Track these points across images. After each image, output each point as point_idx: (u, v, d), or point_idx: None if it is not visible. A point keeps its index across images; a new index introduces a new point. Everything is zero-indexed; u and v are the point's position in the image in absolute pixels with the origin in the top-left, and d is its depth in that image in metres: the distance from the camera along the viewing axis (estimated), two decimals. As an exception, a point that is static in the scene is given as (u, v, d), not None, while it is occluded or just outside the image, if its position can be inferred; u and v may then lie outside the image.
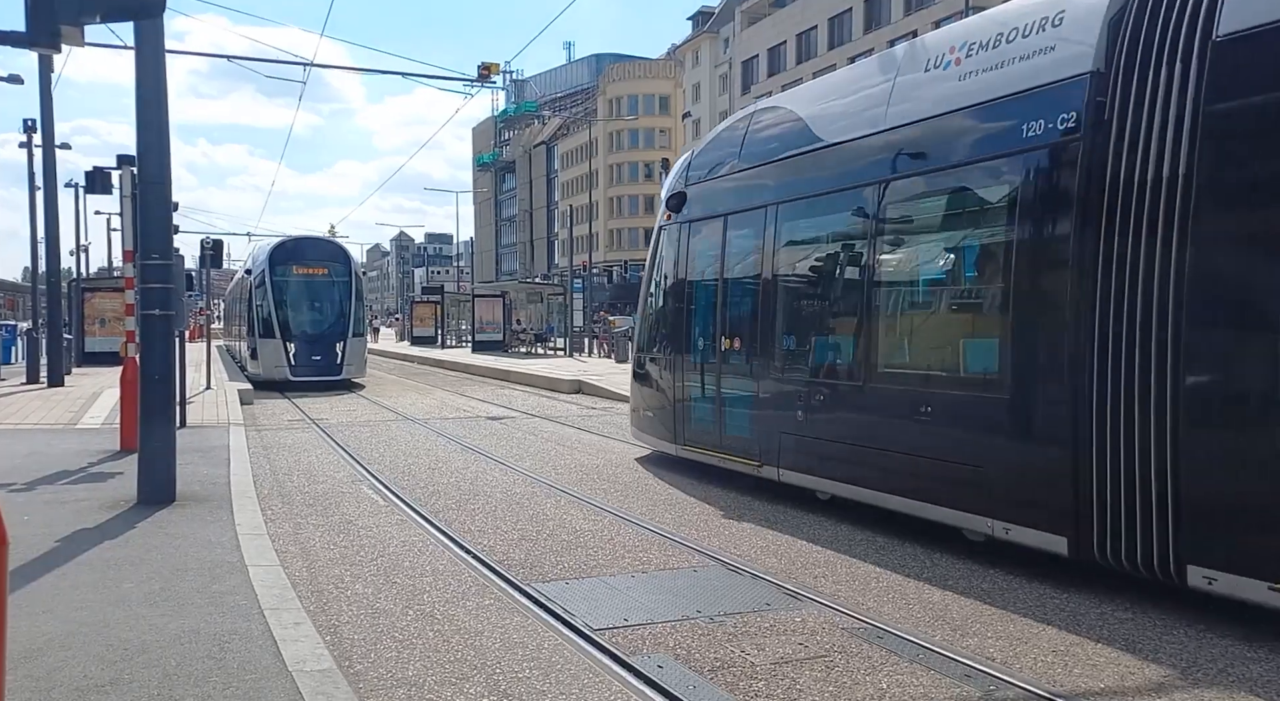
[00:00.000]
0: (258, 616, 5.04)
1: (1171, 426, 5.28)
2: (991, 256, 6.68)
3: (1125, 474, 5.53)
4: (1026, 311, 6.26)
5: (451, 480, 10.13)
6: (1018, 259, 6.33)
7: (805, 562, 6.73)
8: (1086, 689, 4.43)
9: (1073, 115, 5.85)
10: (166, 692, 4.03)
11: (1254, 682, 4.50)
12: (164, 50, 8.19)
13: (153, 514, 7.64)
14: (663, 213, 10.91)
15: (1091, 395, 5.70)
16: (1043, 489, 6.06)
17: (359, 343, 23.35)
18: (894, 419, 7.31)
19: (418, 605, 5.65)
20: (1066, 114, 5.90)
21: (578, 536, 7.48)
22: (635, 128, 78.34)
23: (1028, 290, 6.26)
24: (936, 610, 5.63)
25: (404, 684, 4.43)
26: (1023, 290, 6.30)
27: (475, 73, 16.81)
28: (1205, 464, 5.16)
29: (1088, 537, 5.79)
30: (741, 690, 4.40)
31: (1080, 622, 5.38)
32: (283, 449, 12.44)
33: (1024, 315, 6.28)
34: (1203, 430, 5.20)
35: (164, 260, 8.25)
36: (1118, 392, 5.56)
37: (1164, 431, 5.31)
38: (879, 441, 7.45)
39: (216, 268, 19.88)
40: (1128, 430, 5.52)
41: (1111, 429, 5.61)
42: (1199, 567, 5.19)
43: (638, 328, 12.16)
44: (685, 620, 5.38)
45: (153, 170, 8.14)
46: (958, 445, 6.70)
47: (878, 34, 49.26)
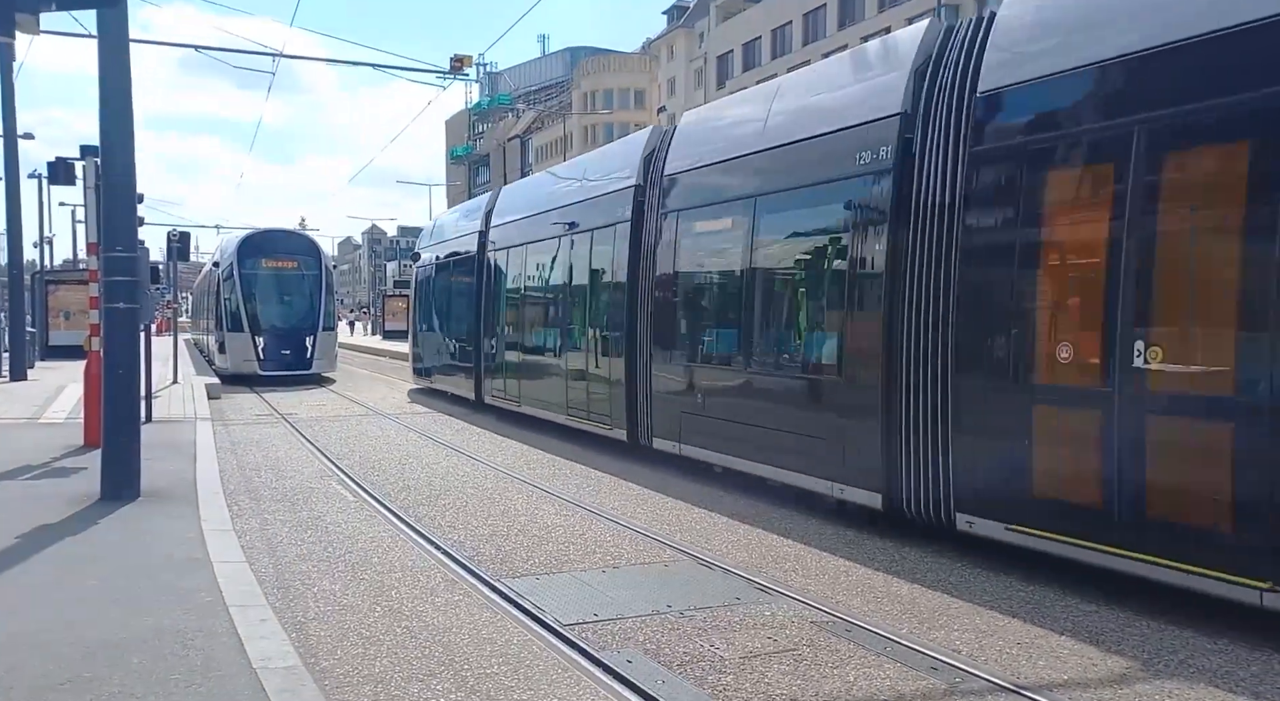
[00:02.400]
0: (223, 613, 4.98)
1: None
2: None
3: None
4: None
5: (422, 475, 10.07)
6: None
7: (775, 557, 6.76)
8: (1050, 680, 4.48)
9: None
10: (128, 691, 3.97)
11: (1213, 674, 4.57)
12: (128, 39, 8.05)
13: (117, 510, 7.52)
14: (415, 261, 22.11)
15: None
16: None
17: (329, 336, 23.13)
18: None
19: (386, 601, 5.61)
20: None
21: (549, 531, 7.46)
22: (610, 122, 78.13)
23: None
24: (905, 603, 5.68)
25: (371, 680, 4.40)
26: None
27: (448, 65, 16.63)
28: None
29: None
30: (710, 684, 4.41)
31: (1045, 615, 5.44)
32: (250, 444, 12.30)
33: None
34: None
35: (129, 252, 8.12)
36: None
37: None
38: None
39: (184, 260, 19.61)
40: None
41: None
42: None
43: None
44: (655, 615, 5.39)
45: (117, 161, 8.00)
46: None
47: (851, 30, 49.45)
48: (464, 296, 17.19)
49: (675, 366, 9.90)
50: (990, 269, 6.34)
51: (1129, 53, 5.49)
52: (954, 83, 6.69)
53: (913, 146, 6.95)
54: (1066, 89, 5.90)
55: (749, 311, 8.80)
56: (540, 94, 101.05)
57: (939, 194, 6.68)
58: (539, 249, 13.61)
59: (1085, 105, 5.83)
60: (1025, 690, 4.31)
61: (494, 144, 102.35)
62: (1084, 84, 5.78)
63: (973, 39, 6.74)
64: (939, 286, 6.65)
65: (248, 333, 22.01)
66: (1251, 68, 4.90)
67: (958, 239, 6.50)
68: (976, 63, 6.52)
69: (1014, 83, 6.19)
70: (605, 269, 11.50)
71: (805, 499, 8.14)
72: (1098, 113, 5.73)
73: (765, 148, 8.64)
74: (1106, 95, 5.67)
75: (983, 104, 6.38)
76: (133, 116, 8.04)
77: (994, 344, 6.34)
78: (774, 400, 8.44)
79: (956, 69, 6.71)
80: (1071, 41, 5.90)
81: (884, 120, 7.20)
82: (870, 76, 7.75)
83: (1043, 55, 6.06)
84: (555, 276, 13.09)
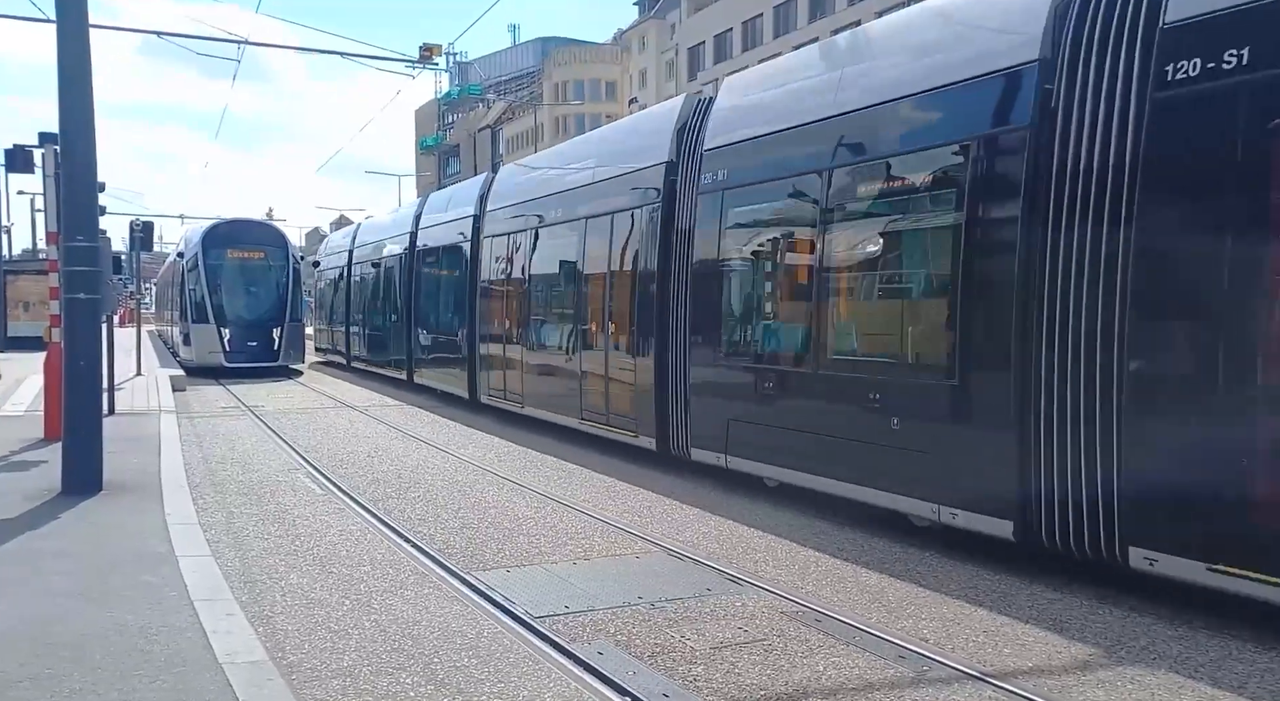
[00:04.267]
0: (187, 608, 4.91)
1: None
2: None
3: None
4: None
5: (391, 467, 10.00)
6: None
7: (747, 548, 6.79)
8: (1015, 668, 4.54)
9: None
10: (90, 688, 3.91)
11: (1174, 660, 4.66)
12: (87, 24, 7.87)
13: (78, 504, 7.39)
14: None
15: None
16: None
17: (296, 328, 22.88)
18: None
19: (355, 595, 5.56)
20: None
21: (520, 524, 7.44)
22: (581, 113, 77.81)
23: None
24: (873, 593, 5.73)
25: (339, 674, 4.36)
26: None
27: (417, 54, 16.45)
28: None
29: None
30: (681, 675, 4.42)
31: (1010, 604, 5.52)
32: (216, 437, 12.14)
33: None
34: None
35: (89, 242, 7.96)
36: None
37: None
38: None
39: (147, 250, 19.31)
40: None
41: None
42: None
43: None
44: (626, 606, 5.39)
45: (77, 149, 7.84)
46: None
47: (822, 23, 49.60)
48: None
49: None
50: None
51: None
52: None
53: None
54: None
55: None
56: (511, 84, 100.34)
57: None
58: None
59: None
60: (991, 678, 4.37)
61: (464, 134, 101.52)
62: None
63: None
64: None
65: (213, 324, 21.70)
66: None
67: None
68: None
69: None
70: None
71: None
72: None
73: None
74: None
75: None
76: (93, 103, 7.87)
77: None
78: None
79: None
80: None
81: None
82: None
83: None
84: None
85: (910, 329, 7.08)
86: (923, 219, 6.95)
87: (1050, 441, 5.75)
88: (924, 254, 7.03)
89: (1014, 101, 6.18)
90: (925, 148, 6.89)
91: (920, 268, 7.06)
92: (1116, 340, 5.42)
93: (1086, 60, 5.73)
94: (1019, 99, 6.12)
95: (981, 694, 4.22)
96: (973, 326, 6.32)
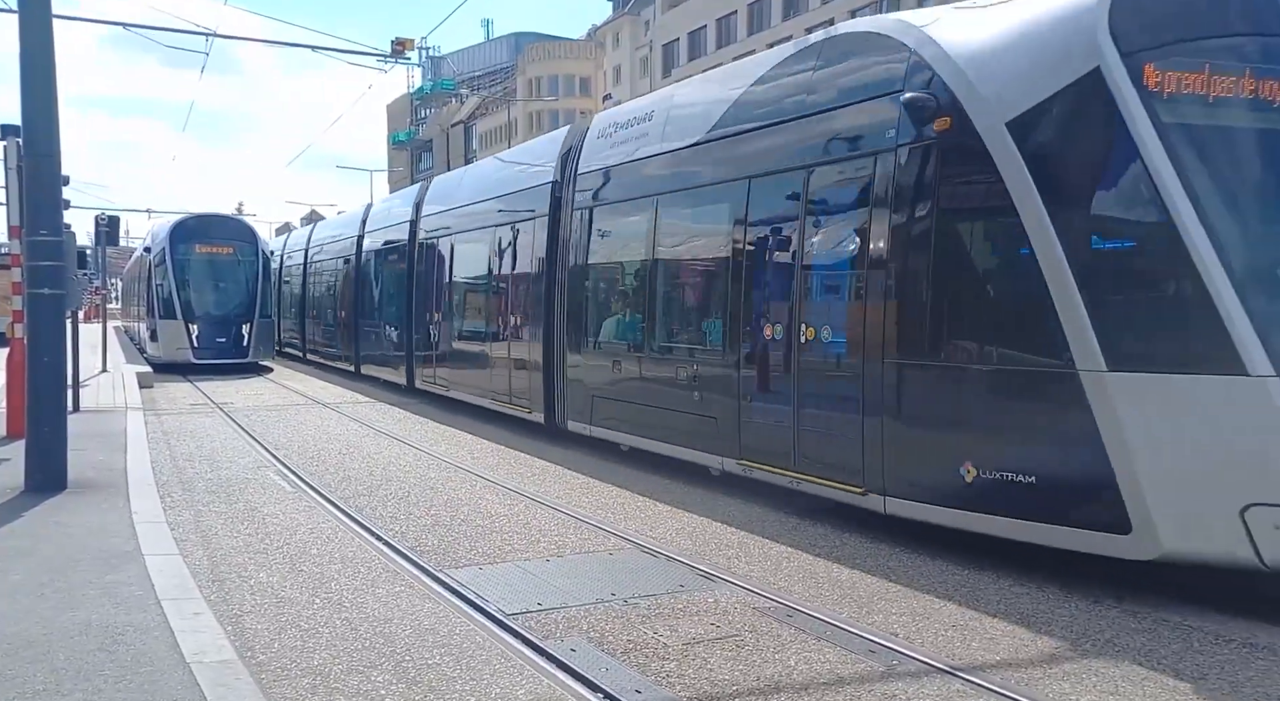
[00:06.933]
0: (154, 607, 4.86)
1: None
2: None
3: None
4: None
5: (363, 465, 9.93)
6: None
7: (719, 544, 6.81)
8: (983, 661, 4.60)
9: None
10: (54, 688, 3.86)
11: (1138, 652, 4.74)
12: (50, 14, 7.75)
13: (42, 502, 7.28)
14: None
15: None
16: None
17: (266, 324, 22.64)
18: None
19: (325, 593, 5.52)
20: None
21: (493, 521, 7.41)
22: (555, 109, 77.59)
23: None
24: (844, 588, 5.78)
25: (309, 673, 4.33)
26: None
27: (389, 48, 16.32)
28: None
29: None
30: (653, 671, 4.43)
31: (979, 597, 5.58)
32: (184, 434, 12.00)
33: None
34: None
35: (53, 236, 7.84)
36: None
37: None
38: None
39: (113, 245, 19.02)
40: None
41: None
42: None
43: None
44: (599, 603, 5.39)
45: (40, 141, 7.71)
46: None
47: (797, 21, 49.78)
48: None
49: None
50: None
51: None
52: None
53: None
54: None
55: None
56: (484, 79, 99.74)
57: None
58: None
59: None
60: (960, 671, 4.42)
61: (437, 129, 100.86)
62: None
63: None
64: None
65: (181, 320, 21.40)
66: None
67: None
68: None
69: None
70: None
71: (753, 486, 8.22)
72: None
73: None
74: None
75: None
76: (56, 95, 7.74)
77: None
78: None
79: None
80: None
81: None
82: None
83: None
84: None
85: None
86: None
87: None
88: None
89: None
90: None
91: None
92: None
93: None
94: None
95: (950, 687, 4.27)
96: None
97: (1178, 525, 5.19)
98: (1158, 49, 5.59)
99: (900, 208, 6.55)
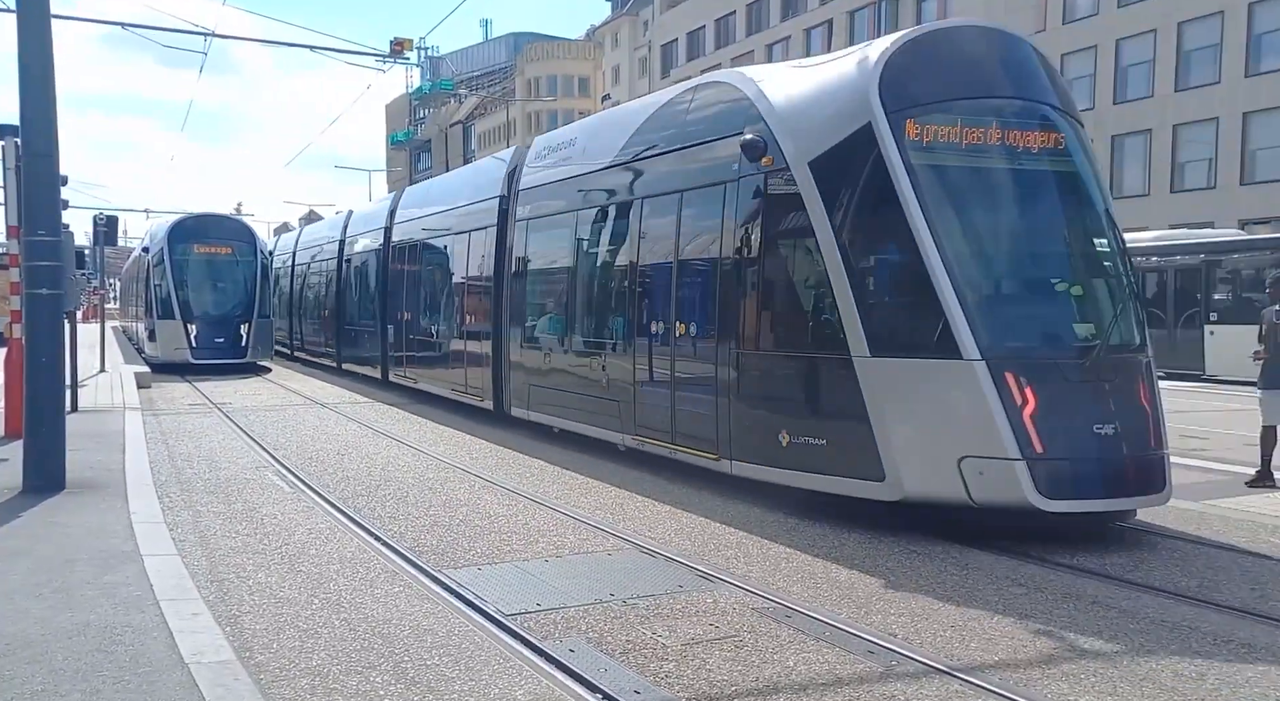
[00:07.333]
0: (153, 607, 4.85)
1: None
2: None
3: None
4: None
5: (361, 465, 9.93)
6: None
7: (718, 544, 6.81)
8: (982, 662, 4.60)
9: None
10: (52, 689, 3.85)
11: (1136, 652, 4.74)
12: (49, 13, 7.74)
13: (40, 502, 7.27)
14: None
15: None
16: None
17: (265, 324, 22.62)
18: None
19: (324, 593, 5.52)
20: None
21: (491, 521, 7.41)
22: (554, 109, 77.58)
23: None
24: (843, 588, 5.78)
25: (308, 673, 4.33)
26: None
27: (388, 48, 16.31)
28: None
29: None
30: (652, 671, 4.43)
31: (977, 598, 5.58)
32: (182, 434, 11.99)
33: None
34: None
35: (51, 236, 7.83)
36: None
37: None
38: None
39: (111, 245, 19.01)
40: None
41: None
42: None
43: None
44: (598, 603, 5.39)
45: (38, 141, 7.71)
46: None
47: (795, 21, 49.78)
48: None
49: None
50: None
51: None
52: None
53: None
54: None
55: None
56: (483, 80, 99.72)
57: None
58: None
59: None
60: (958, 672, 4.42)
61: (436, 129, 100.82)
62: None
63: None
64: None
65: (179, 320, 21.38)
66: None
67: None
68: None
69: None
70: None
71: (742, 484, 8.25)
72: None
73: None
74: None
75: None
76: (55, 95, 7.74)
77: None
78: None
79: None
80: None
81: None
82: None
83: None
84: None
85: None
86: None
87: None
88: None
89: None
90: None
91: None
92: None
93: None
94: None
95: (949, 688, 4.27)
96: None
97: (915, 474, 6.72)
98: (917, 107, 7.08)
99: (740, 227, 8.09)
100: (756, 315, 8.01)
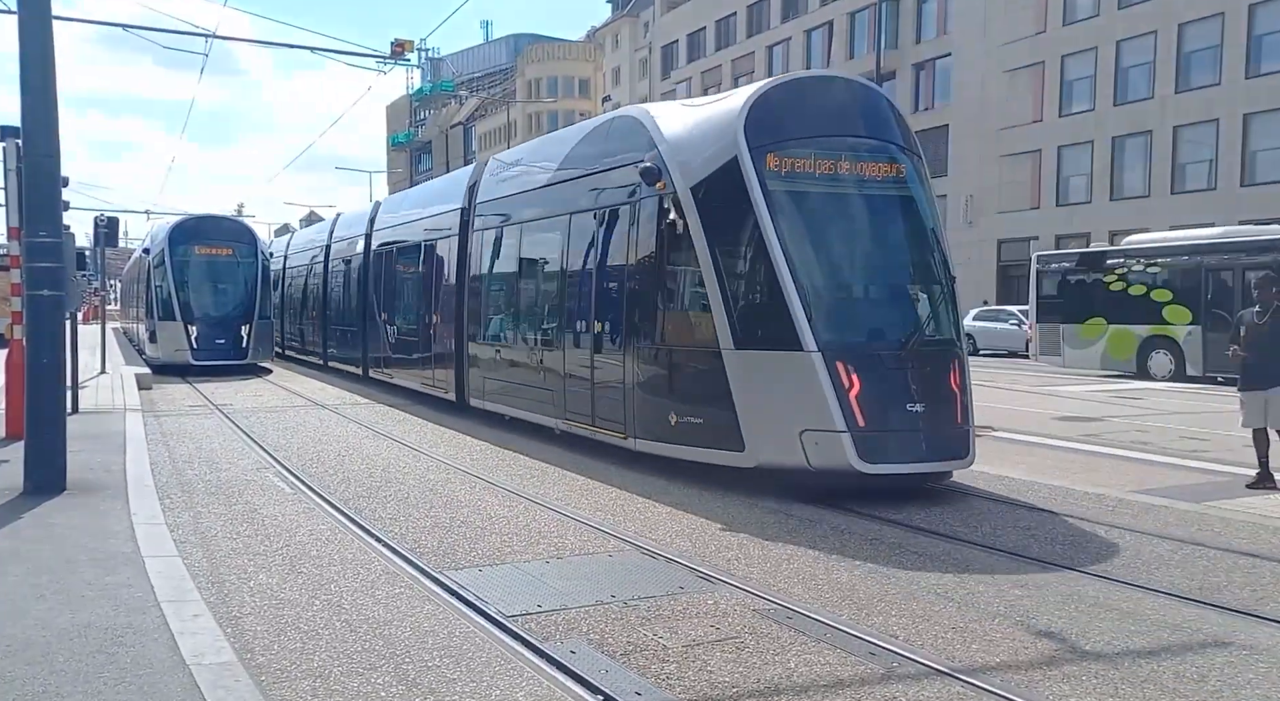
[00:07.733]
0: (154, 609, 4.85)
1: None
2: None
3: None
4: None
5: (362, 467, 9.93)
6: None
7: (719, 545, 6.81)
8: (983, 664, 4.60)
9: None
10: (53, 690, 3.85)
11: (1137, 654, 4.73)
12: (50, 14, 7.75)
13: (41, 503, 7.27)
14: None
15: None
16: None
17: (265, 325, 22.63)
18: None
19: (325, 595, 5.52)
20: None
21: (492, 522, 7.41)
22: (555, 110, 77.62)
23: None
24: (844, 590, 5.78)
25: (309, 675, 4.33)
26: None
27: (389, 50, 16.32)
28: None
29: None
30: (653, 673, 4.43)
31: (978, 600, 5.58)
32: (183, 435, 11.99)
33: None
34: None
35: (52, 238, 7.84)
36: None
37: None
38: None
39: (111, 246, 19.02)
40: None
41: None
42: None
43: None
44: (599, 605, 5.39)
45: (40, 142, 7.71)
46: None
47: (796, 23, 49.82)
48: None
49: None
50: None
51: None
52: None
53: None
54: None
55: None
56: (484, 81, 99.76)
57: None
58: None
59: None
60: (959, 674, 4.42)
61: (436, 131, 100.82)
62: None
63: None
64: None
65: (180, 321, 21.37)
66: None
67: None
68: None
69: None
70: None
71: (741, 484, 8.31)
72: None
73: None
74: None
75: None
76: (56, 96, 7.74)
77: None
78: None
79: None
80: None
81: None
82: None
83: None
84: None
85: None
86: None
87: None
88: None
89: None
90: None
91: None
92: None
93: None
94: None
95: (950, 690, 4.27)
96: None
97: (766, 445, 8.12)
98: (777, 143, 8.41)
99: (642, 241, 9.48)
100: (653, 315, 9.31)
